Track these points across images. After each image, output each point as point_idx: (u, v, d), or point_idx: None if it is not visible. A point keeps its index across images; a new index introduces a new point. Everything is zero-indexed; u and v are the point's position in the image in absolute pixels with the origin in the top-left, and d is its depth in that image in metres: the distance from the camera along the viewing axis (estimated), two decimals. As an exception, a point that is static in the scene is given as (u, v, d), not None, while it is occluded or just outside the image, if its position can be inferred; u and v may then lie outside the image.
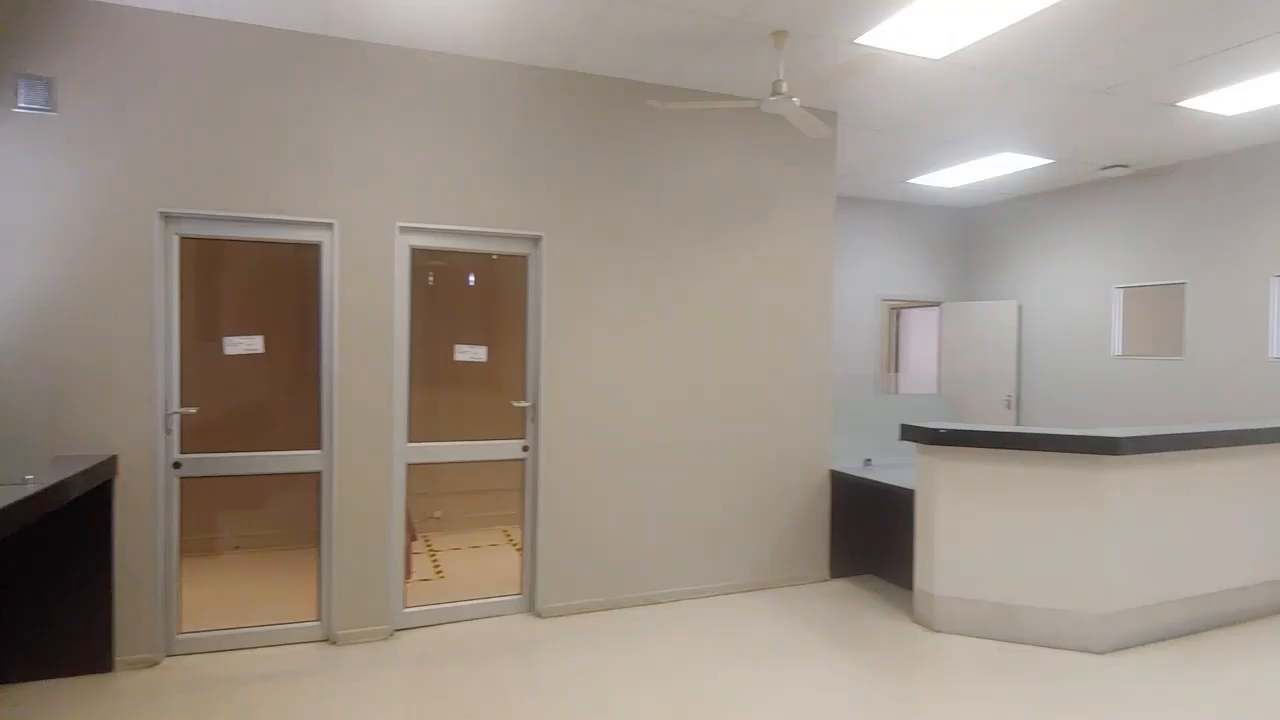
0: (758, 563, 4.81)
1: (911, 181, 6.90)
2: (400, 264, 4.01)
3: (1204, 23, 3.54)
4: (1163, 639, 4.02)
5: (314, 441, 3.91)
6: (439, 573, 4.85)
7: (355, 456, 3.89)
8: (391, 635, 3.97)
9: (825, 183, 4.97)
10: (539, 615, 4.27)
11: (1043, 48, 3.85)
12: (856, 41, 3.78)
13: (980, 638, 4.01)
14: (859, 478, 4.89)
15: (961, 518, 4.07)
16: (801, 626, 4.18)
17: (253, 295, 4.22)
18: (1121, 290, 6.60)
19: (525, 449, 4.31)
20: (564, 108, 4.28)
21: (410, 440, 4.06)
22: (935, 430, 4.06)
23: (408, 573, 4.22)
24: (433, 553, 5.22)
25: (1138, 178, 6.43)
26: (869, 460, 5.37)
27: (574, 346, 4.32)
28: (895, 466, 5.13)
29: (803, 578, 4.94)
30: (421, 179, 4.00)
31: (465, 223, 4.09)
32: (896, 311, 9.09)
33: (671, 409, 4.56)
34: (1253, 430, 4.26)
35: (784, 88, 3.72)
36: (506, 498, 4.50)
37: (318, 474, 3.90)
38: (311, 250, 3.90)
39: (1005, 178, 6.70)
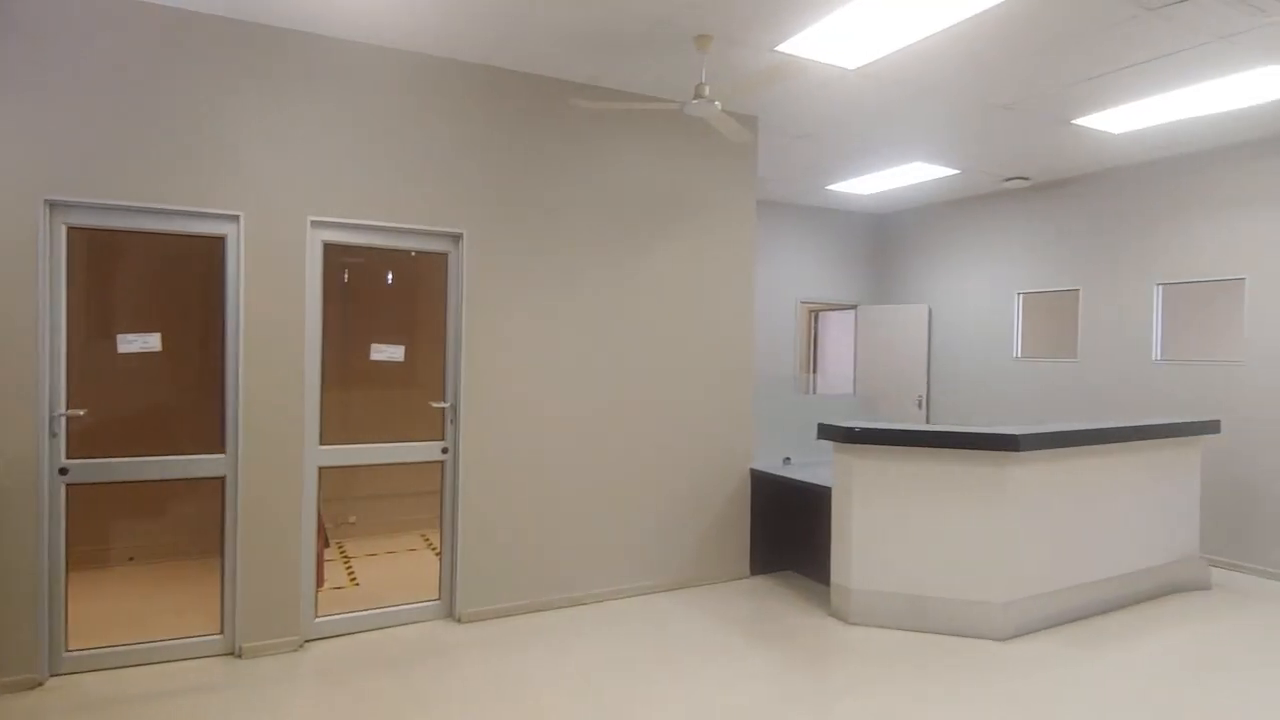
0: (680, 562, 4.85)
1: (830, 188, 7.11)
2: (312, 259, 3.85)
3: (1093, 47, 3.78)
4: (1058, 624, 4.26)
5: (217, 445, 3.71)
6: (353, 580, 4.69)
7: (263, 460, 3.72)
8: (302, 646, 3.81)
9: (747, 186, 5.06)
10: (459, 620, 4.18)
11: (947, 63, 4.02)
12: (777, 49, 3.86)
13: (893, 629, 4.16)
14: (778, 476, 5.00)
15: (875, 513, 4.21)
16: (722, 624, 4.23)
17: (150, 290, 3.99)
18: (1022, 295, 6.98)
19: (445, 451, 4.22)
20: (486, 104, 4.21)
21: (323, 443, 3.91)
22: (850, 429, 4.18)
23: (320, 581, 4.06)
24: (347, 559, 5.05)
25: (1037, 189, 6.81)
26: (788, 459, 5.49)
27: (495, 346, 4.26)
28: (813, 465, 5.27)
29: (724, 575, 5.01)
30: (335, 172, 3.86)
31: (382, 218, 3.96)
32: (815, 314, 9.33)
33: (595, 409, 4.55)
34: (1137, 427, 4.57)
35: (706, 91, 3.77)
36: (425, 501, 4.39)
37: (221, 479, 3.71)
38: (215, 243, 3.70)
39: (916, 186, 6.98)
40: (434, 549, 4.71)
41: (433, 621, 4.19)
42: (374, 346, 4.08)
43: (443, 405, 4.24)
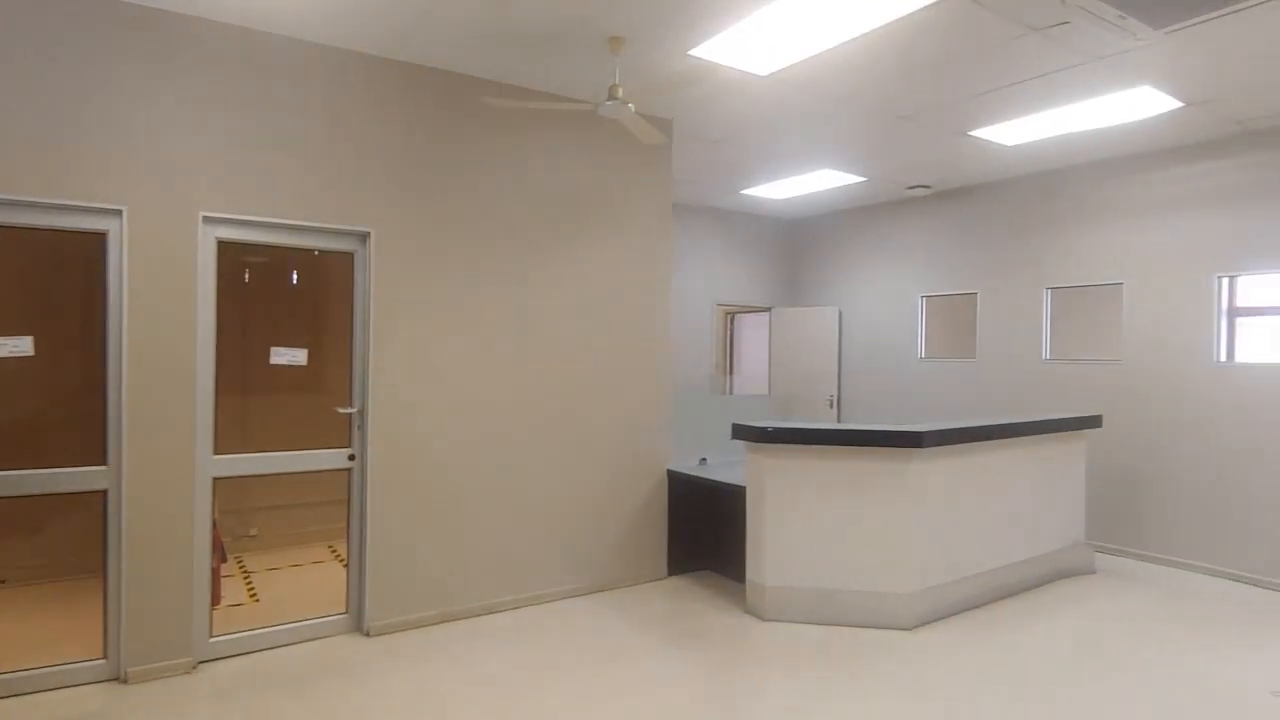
0: (597, 565, 4.83)
1: (744, 192, 7.24)
2: (205, 258, 3.64)
3: (986, 63, 3.97)
4: (960, 611, 4.45)
5: (98, 456, 3.45)
6: (254, 595, 4.46)
7: (150, 471, 3.48)
8: (195, 668, 3.59)
9: (663, 189, 5.09)
10: (368, 634, 4.03)
11: (852, 74, 4.15)
12: (691, 53, 3.89)
13: (807, 623, 4.25)
14: (694, 476, 5.04)
15: (788, 511, 4.30)
16: (639, 626, 4.23)
17: (22, 290, 3.69)
18: (925, 298, 7.29)
19: (351, 458, 4.06)
20: (395, 100, 4.08)
21: (217, 452, 3.69)
22: (763, 429, 4.26)
23: (215, 598, 3.83)
24: (246, 574, 4.80)
25: (938, 197, 7.13)
26: (704, 459, 5.55)
27: (404, 349, 4.13)
28: (729, 465, 5.34)
29: (642, 577, 5.01)
30: (231, 165, 3.65)
31: (283, 215, 3.78)
32: (731, 316, 9.49)
33: (508, 412, 4.47)
34: (1029, 423, 4.84)
35: (620, 93, 3.77)
36: (332, 511, 4.22)
37: (103, 492, 3.45)
38: (95, 240, 3.45)
39: (826, 192, 7.19)
40: (341, 560, 4.54)
41: (339, 636, 4.03)
42: (274, 350, 3.89)
43: (349, 411, 4.08)
